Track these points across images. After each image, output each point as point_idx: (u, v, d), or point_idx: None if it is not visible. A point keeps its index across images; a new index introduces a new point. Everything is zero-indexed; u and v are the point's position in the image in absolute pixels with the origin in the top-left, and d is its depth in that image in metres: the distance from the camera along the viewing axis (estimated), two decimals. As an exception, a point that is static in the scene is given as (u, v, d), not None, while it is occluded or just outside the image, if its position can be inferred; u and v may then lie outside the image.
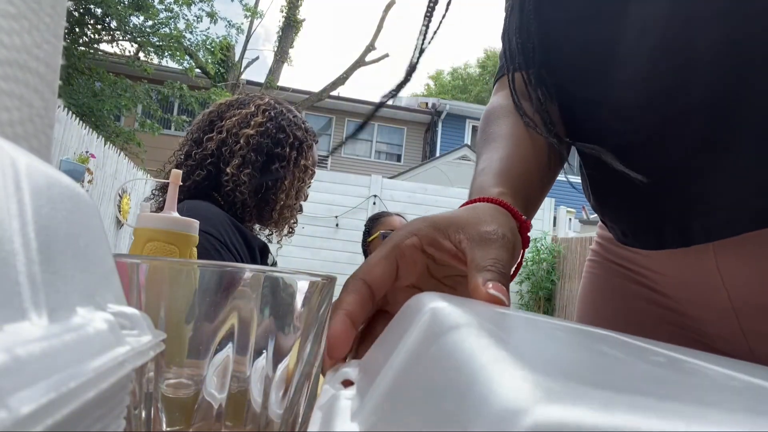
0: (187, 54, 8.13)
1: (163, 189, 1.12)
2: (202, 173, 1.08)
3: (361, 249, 2.23)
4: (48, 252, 0.13)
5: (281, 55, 10.30)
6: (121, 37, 7.92)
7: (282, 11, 10.30)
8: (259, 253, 1.11)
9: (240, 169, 1.07)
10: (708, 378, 0.13)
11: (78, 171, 4.27)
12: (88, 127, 4.75)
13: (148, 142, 7.67)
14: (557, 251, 6.36)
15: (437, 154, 11.22)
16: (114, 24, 7.69)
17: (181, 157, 1.12)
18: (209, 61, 8.41)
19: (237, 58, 10.05)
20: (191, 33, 8.18)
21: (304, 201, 1.21)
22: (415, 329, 0.18)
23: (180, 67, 8.16)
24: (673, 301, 0.52)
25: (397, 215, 2.16)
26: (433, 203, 6.21)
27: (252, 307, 0.26)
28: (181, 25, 7.99)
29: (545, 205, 6.58)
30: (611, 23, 0.46)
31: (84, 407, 0.11)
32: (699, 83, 0.41)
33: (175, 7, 7.98)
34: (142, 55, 8.37)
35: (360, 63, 10.40)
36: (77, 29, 7.39)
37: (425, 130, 13.00)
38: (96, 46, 7.92)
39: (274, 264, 1.28)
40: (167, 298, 0.26)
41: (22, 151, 0.14)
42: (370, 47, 10.41)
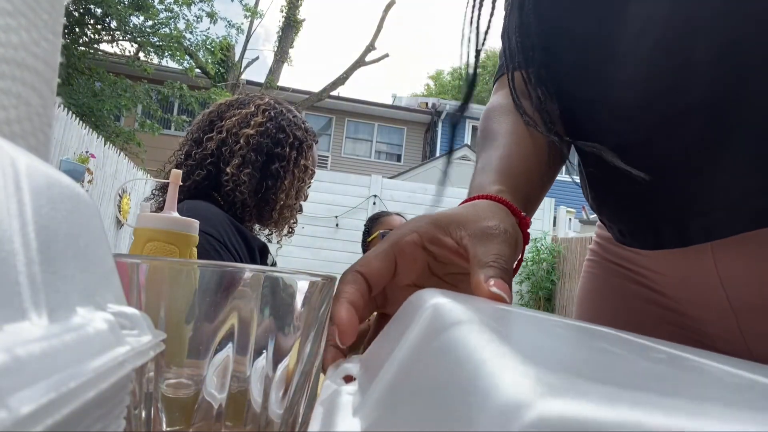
0: (187, 54, 8.12)
1: (163, 189, 1.12)
2: (202, 173, 1.08)
3: (360, 249, 2.23)
4: (48, 252, 0.13)
5: (281, 55, 10.29)
6: (121, 37, 7.92)
7: (282, 11, 10.30)
8: (259, 254, 1.11)
9: (240, 168, 1.07)
10: (709, 375, 0.13)
11: (78, 171, 4.27)
12: (88, 127, 4.75)
13: (148, 142, 7.67)
14: (557, 251, 6.35)
15: (437, 154, 11.22)
16: (114, 24, 7.69)
17: (181, 157, 1.12)
18: (209, 61, 8.40)
19: (237, 58, 10.04)
20: (191, 33, 8.18)
21: (304, 201, 1.21)
22: (417, 325, 0.18)
23: (180, 67, 8.16)
24: (673, 301, 0.52)
25: (397, 215, 2.16)
26: (433, 203, 6.20)
27: (252, 307, 0.26)
28: (181, 25, 8.00)
29: (545, 205, 6.57)
30: (611, 22, 0.46)
31: (84, 407, 0.11)
32: (699, 83, 0.41)
33: (175, 7, 7.98)
34: (142, 55, 8.37)
35: (360, 63, 10.39)
36: (77, 29, 7.39)
37: (425, 130, 12.99)
38: (96, 46, 7.92)
39: (274, 264, 1.28)
40: (167, 298, 0.26)
41: (22, 151, 0.14)
42: (370, 47, 10.41)
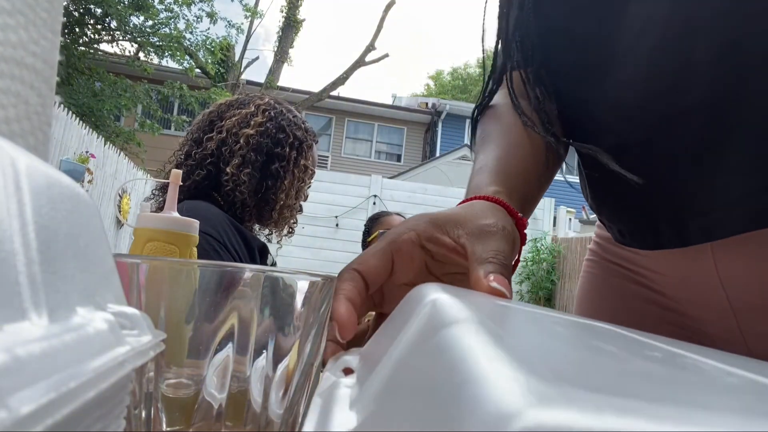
0: (187, 54, 8.12)
1: (163, 189, 1.12)
2: (201, 173, 1.08)
3: (360, 249, 2.23)
4: (48, 252, 0.13)
5: (281, 55, 10.29)
6: (121, 37, 7.92)
7: (282, 11, 10.30)
8: (259, 254, 1.11)
9: (240, 168, 1.07)
10: (705, 374, 0.13)
11: (78, 171, 4.27)
12: (88, 127, 4.75)
13: (148, 142, 7.67)
14: (557, 251, 6.35)
15: (437, 154, 11.22)
16: (114, 24, 7.69)
17: (181, 157, 1.12)
18: (209, 61, 8.40)
19: (237, 58, 10.04)
20: (191, 33, 8.18)
21: (304, 201, 1.21)
22: (416, 321, 0.19)
23: (180, 67, 8.16)
24: (672, 301, 0.52)
25: (397, 215, 2.16)
26: (433, 203, 6.21)
27: (252, 307, 0.26)
28: (181, 25, 8.00)
29: (545, 205, 6.57)
30: (611, 22, 0.46)
31: (84, 407, 0.11)
32: (699, 83, 0.41)
33: (175, 7, 7.98)
34: (142, 55, 8.37)
35: (360, 63, 10.39)
36: (77, 29, 7.39)
37: (425, 130, 12.99)
38: (96, 46, 7.92)
39: (274, 264, 1.28)
40: (167, 298, 0.26)
41: (22, 151, 0.14)
42: (370, 47, 10.41)
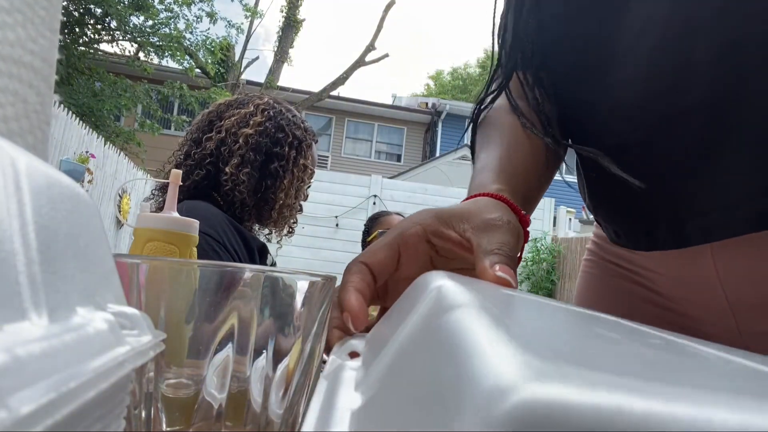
0: (187, 54, 8.12)
1: (163, 189, 1.12)
2: (201, 173, 1.08)
3: (360, 249, 2.23)
4: (48, 252, 0.13)
5: (281, 55, 10.29)
6: (121, 37, 7.91)
7: (282, 11, 10.29)
8: (258, 254, 1.11)
9: (239, 168, 1.07)
10: (702, 359, 0.14)
11: (78, 171, 4.26)
12: (88, 127, 4.75)
13: (148, 142, 7.67)
14: (557, 251, 6.36)
15: (437, 154, 11.21)
16: (114, 24, 7.68)
17: (181, 157, 1.12)
18: (209, 61, 8.40)
19: (237, 58, 10.04)
20: (191, 33, 8.17)
21: (304, 201, 1.21)
22: (421, 305, 0.19)
23: (180, 67, 8.15)
24: (671, 301, 0.52)
25: (397, 215, 2.16)
26: (433, 203, 6.21)
27: (252, 307, 0.26)
28: (181, 25, 7.99)
29: (545, 205, 6.57)
30: (611, 22, 0.46)
31: (84, 407, 0.11)
32: (699, 83, 0.41)
33: (175, 7, 7.98)
34: (142, 55, 8.36)
35: (360, 63, 10.39)
36: (77, 29, 7.38)
37: (425, 130, 12.99)
38: (96, 46, 7.91)
39: (273, 264, 1.28)
40: (167, 298, 0.26)
41: (22, 151, 0.14)
42: (370, 47, 10.40)
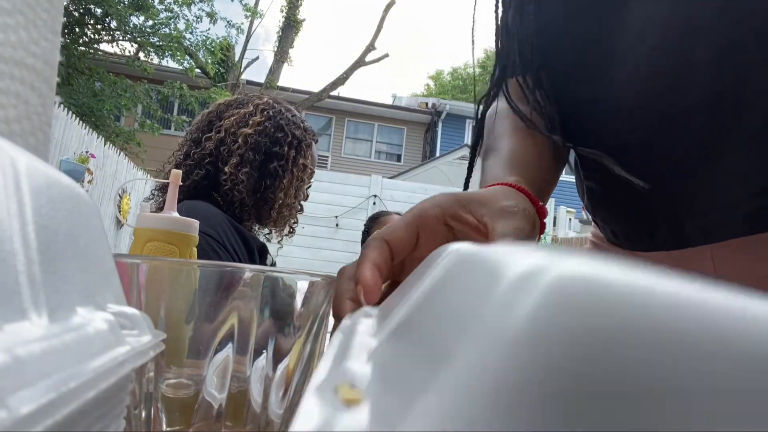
0: (187, 54, 8.11)
1: (163, 189, 1.12)
2: (200, 173, 1.08)
3: (360, 249, 2.23)
4: (48, 252, 0.13)
5: (281, 55, 10.29)
6: (121, 37, 7.91)
7: (282, 11, 10.29)
8: (258, 254, 1.11)
9: (238, 168, 1.07)
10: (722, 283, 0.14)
11: (78, 171, 4.26)
12: (88, 127, 4.75)
13: (148, 142, 7.66)
14: (557, 251, 6.35)
15: (437, 154, 11.21)
16: (114, 24, 7.68)
17: (180, 157, 1.12)
18: (209, 61, 8.39)
19: (237, 58, 10.04)
20: (191, 33, 8.17)
21: (305, 200, 1.21)
22: (440, 264, 0.19)
23: (180, 67, 8.15)
24: None
25: (397, 215, 2.16)
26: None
27: (252, 307, 0.26)
28: (181, 25, 7.99)
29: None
30: (611, 22, 0.46)
31: (84, 407, 0.11)
32: (699, 83, 0.41)
33: (175, 7, 7.97)
34: (142, 55, 8.36)
35: (360, 63, 10.38)
36: (77, 29, 7.38)
37: (425, 130, 12.99)
38: (96, 46, 7.91)
39: (273, 264, 1.28)
40: (167, 298, 0.26)
41: (22, 151, 0.14)
42: (370, 47, 10.40)
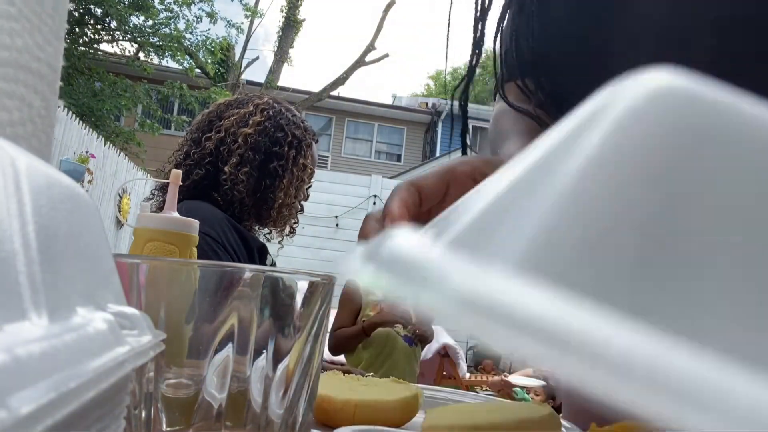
0: (187, 54, 8.11)
1: (163, 189, 1.12)
2: (200, 173, 1.08)
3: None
4: (48, 252, 0.13)
5: (281, 55, 10.28)
6: (121, 37, 7.91)
7: (282, 11, 10.29)
8: (258, 254, 1.11)
9: (238, 168, 1.07)
10: None
11: (78, 171, 4.26)
12: (88, 127, 4.75)
13: (148, 142, 7.66)
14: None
15: (437, 154, 11.21)
16: (114, 24, 7.68)
17: (180, 156, 1.12)
18: (209, 61, 8.39)
19: (237, 58, 10.03)
20: (191, 33, 8.17)
21: (305, 200, 1.21)
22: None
23: (180, 67, 8.15)
24: None
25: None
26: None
27: (252, 308, 0.26)
28: (181, 25, 7.99)
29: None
30: (610, 23, 0.46)
31: (84, 407, 0.11)
32: None
33: (175, 7, 7.97)
34: (142, 55, 8.36)
35: (360, 63, 10.38)
36: (77, 29, 7.38)
37: (425, 130, 12.98)
38: (96, 46, 7.91)
39: (273, 265, 1.28)
40: (167, 298, 0.26)
41: (22, 151, 0.14)
42: (370, 47, 10.40)
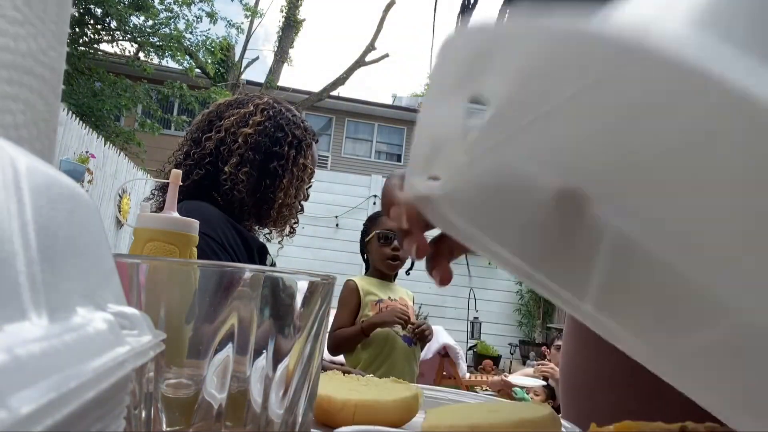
0: (187, 54, 8.11)
1: (163, 189, 1.12)
2: (200, 173, 1.08)
3: (359, 249, 2.23)
4: (48, 252, 0.13)
5: (281, 55, 10.28)
6: (121, 37, 7.91)
7: (282, 11, 10.28)
8: (258, 254, 1.11)
9: (238, 168, 1.07)
10: None
11: (78, 171, 4.26)
12: (88, 127, 4.75)
13: (148, 142, 7.65)
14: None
15: (437, 154, 11.18)
16: (114, 24, 7.68)
17: (180, 156, 1.12)
18: (209, 61, 8.38)
19: (237, 58, 10.03)
20: (191, 33, 8.16)
21: (305, 200, 1.21)
22: None
23: (180, 67, 8.15)
24: None
25: (397, 215, 2.15)
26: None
27: (252, 308, 0.26)
28: (181, 25, 7.98)
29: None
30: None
31: (84, 407, 0.11)
32: None
33: (175, 7, 7.97)
34: (142, 55, 8.36)
35: (360, 63, 10.38)
36: (77, 29, 7.37)
37: (425, 130, 12.96)
38: (96, 46, 7.91)
39: (273, 265, 1.28)
40: (167, 298, 0.26)
41: (22, 151, 0.14)
42: (370, 47, 10.40)
